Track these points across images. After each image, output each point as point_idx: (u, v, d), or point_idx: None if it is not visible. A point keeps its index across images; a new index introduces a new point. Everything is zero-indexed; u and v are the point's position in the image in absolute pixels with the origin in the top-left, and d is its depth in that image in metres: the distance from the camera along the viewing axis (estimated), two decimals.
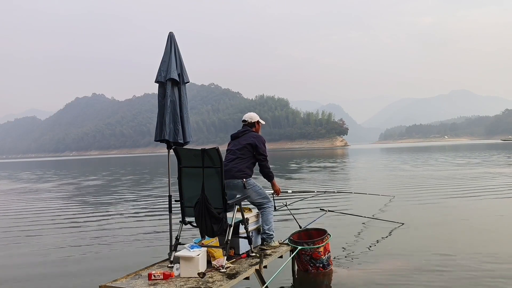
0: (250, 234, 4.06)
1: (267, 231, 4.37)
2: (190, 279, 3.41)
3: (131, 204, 11.32)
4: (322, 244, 4.45)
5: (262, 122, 4.72)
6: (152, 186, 16.84)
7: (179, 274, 3.50)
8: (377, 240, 5.92)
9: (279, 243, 4.46)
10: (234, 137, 4.60)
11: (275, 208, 4.97)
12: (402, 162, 28.38)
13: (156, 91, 4.29)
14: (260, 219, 4.43)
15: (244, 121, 4.66)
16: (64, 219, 9.30)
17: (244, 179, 4.25)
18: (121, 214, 9.65)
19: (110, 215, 9.57)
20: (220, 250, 3.75)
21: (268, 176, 4.52)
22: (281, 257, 4.27)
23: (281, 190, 4.75)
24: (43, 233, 7.64)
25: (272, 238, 4.40)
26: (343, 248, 5.56)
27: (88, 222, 8.72)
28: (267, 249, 4.26)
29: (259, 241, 4.42)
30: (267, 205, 4.39)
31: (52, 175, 30.59)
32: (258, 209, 4.43)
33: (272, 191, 4.67)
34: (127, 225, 8.14)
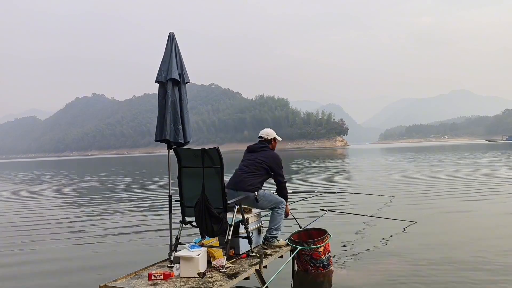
0: (250, 234, 4.06)
1: (274, 231, 4.39)
2: (190, 279, 3.41)
3: (131, 204, 11.32)
4: (322, 244, 4.45)
5: (279, 138, 4.74)
6: (152, 186, 16.85)
7: (179, 274, 3.50)
8: (377, 240, 5.92)
9: (285, 243, 4.46)
10: (251, 149, 4.58)
11: None
12: (407, 162, 28.24)
13: (156, 91, 4.29)
14: (270, 217, 4.45)
15: (260, 137, 4.65)
16: (63, 220, 9.29)
17: (256, 193, 4.26)
18: (120, 214, 9.65)
19: (109, 215, 9.57)
20: (220, 250, 3.76)
21: (285, 198, 4.55)
22: (281, 257, 4.28)
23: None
24: (41, 234, 7.64)
25: (276, 239, 4.42)
26: (343, 248, 5.56)
27: (87, 222, 8.72)
28: (267, 249, 4.27)
29: (259, 241, 4.43)
30: (279, 207, 4.42)
31: (50, 175, 30.57)
32: (271, 210, 4.47)
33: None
34: (127, 225, 8.14)
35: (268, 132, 4.66)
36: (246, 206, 4.39)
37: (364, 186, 13.53)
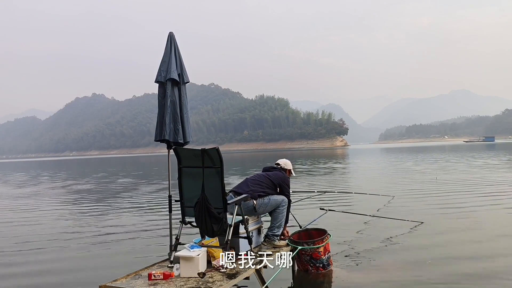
0: (250, 234, 4.05)
1: (275, 229, 4.39)
2: (190, 279, 3.41)
3: (131, 204, 11.32)
4: (322, 244, 4.45)
5: (293, 174, 4.85)
6: (152, 186, 16.84)
7: (179, 274, 3.50)
8: (378, 240, 5.91)
9: (285, 243, 4.46)
10: (264, 169, 4.73)
11: None
12: (412, 163, 28.13)
13: (156, 91, 4.28)
14: (272, 216, 4.45)
15: (277, 163, 4.78)
16: (62, 220, 9.31)
17: (255, 201, 4.24)
18: (120, 214, 9.65)
19: (109, 215, 9.57)
20: (220, 250, 3.75)
21: (286, 218, 4.55)
22: (281, 257, 4.27)
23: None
24: (40, 233, 7.64)
25: (277, 237, 4.42)
26: (343, 248, 5.56)
27: (87, 222, 8.72)
28: (267, 249, 4.27)
29: (259, 241, 4.43)
30: (281, 206, 4.41)
31: (48, 176, 30.55)
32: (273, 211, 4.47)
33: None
34: (127, 225, 8.14)
35: (286, 162, 4.81)
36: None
37: (364, 186, 13.53)
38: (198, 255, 3.48)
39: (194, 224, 3.87)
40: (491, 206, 8.61)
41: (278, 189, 4.48)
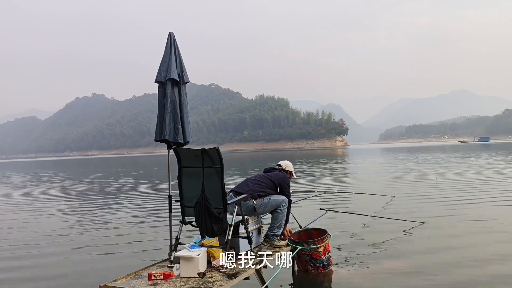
0: (250, 234, 4.05)
1: (275, 229, 4.39)
2: (190, 279, 3.41)
3: (131, 205, 11.32)
4: (322, 244, 4.45)
5: (294, 176, 4.87)
6: (152, 186, 16.84)
7: (179, 274, 3.50)
8: (378, 241, 5.91)
9: (285, 243, 4.46)
10: (265, 170, 4.76)
11: None
12: (414, 163, 28.13)
13: (156, 91, 4.28)
14: (272, 216, 4.45)
15: (278, 165, 4.80)
16: (62, 219, 9.31)
17: (254, 201, 4.23)
18: (120, 214, 9.65)
19: (109, 215, 9.57)
20: (220, 250, 3.75)
21: (287, 217, 4.54)
22: (281, 257, 4.27)
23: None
24: (40, 233, 7.64)
25: (277, 237, 4.42)
26: (343, 248, 5.55)
27: (87, 222, 8.72)
28: (267, 249, 4.27)
29: (259, 241, 4.43)
30: (281, 206, 4.40)
31: (48, 176, 30.54)
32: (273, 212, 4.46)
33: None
34: (127, 225, 8.14)
35: (287, 164, 4.83)
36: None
37: (365, 186, 13.52)
38: (198, 255, 3.48)
39: (194, 224, 3.87)
40: (493, 206, 8.61)
41: (278, 189, 4.49)
